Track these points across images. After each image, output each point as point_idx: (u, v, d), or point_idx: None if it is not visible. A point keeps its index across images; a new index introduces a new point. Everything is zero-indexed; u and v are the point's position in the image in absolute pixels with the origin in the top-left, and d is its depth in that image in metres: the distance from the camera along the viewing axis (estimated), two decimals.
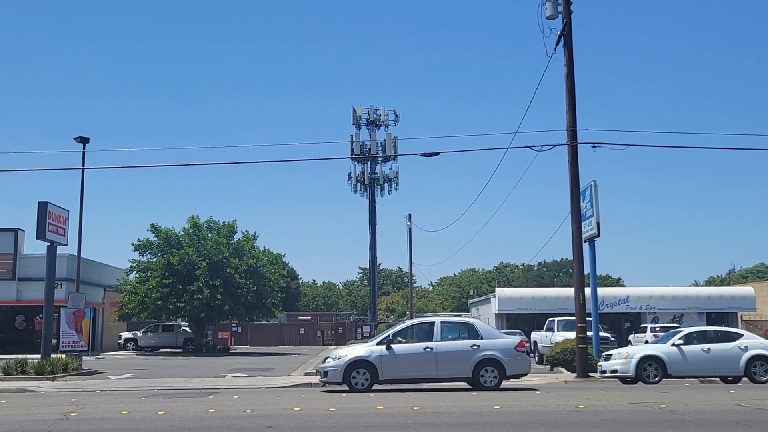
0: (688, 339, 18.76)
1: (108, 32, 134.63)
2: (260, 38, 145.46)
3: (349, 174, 62.13)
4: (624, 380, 18.57)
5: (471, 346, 16.05)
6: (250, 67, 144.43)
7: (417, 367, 15.94)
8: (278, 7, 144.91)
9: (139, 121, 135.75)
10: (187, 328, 45.25)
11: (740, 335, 19.25)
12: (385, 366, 15.77)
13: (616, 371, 18.67)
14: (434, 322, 16.89)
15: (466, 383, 16.35)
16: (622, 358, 18.72)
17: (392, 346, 16.03)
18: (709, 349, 18.34)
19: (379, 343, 16.22)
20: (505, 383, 16.29)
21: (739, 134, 64.74)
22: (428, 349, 15.97)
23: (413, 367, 15.93)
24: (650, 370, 18.18)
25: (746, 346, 18.38)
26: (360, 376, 15.80)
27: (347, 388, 15.84)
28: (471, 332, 16.53)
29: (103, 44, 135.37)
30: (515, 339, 17.14)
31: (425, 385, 17.09)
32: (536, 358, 31.40)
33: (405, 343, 16.28)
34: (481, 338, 16.31)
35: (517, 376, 16.58)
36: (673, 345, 18.51)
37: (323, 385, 16.99)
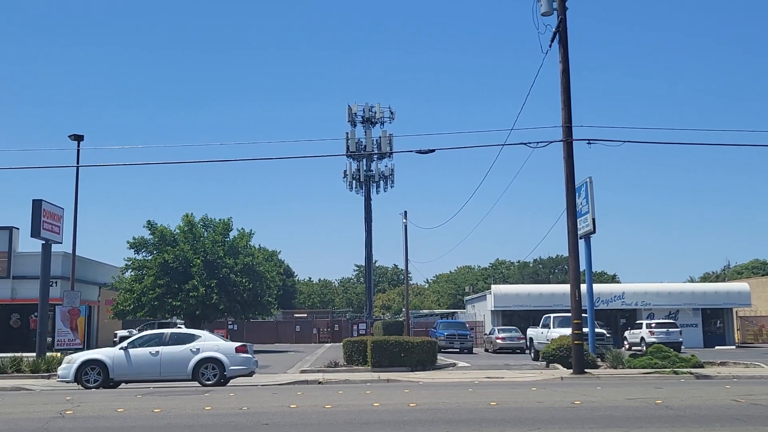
0: (139, 342, 18.48)
1: (104, 33, 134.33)
2: (256, 38, 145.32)
3: (345, 171, 62.15)
4: (69, 384, 18.07)
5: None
6: (245, 65, 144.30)
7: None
8: (274, 7, 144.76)
9: (134, 120, 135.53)
10: (183, 326, 45.18)
11: (197, 337, 18.56)
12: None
13: (60, 376, 18.28)
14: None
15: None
16: (66, 363, 18.24)
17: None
18: (158, 352, 17.96)
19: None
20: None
21: (733, 130, 65.10)
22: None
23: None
24: (92, 374, 17.82)
25: (198, 349, 18.01)
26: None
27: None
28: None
29: (99, 45, 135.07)
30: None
31: (421, 382, 17.09)
32: (532, 354, 31.44)
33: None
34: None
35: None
36: (121, 348, 18.26)
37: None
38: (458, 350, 37.67)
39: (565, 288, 28.04)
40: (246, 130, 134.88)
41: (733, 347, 45.43)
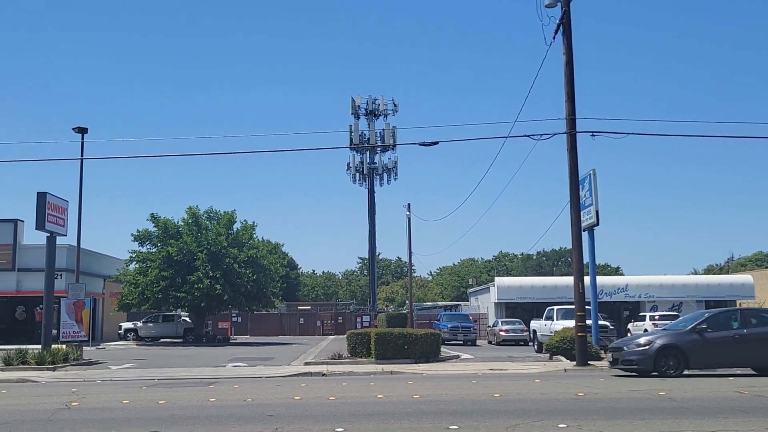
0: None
1: (107, 23, 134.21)
2: (259, 29, 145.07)
3: (348, 164, 62.06)
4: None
5: None
6: (249, 57, 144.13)
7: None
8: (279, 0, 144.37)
9: (139, 112, 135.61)
10: (187, 319, 45.30)
11: None
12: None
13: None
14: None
15: None
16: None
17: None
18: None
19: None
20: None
21: (738, 123, 64.95)
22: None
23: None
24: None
25: None
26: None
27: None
28: None
29: (102, 35, 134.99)
30: None
31: (424, 374, 17.13)
32: (535, 346, 31.47)
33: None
34: None
35: None
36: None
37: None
38: (462, 342, 37.75)
39: (569, 280, 28.08)
40: (250, 121, 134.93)
41: None
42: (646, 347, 16.34)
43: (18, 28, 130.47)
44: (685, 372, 16.05)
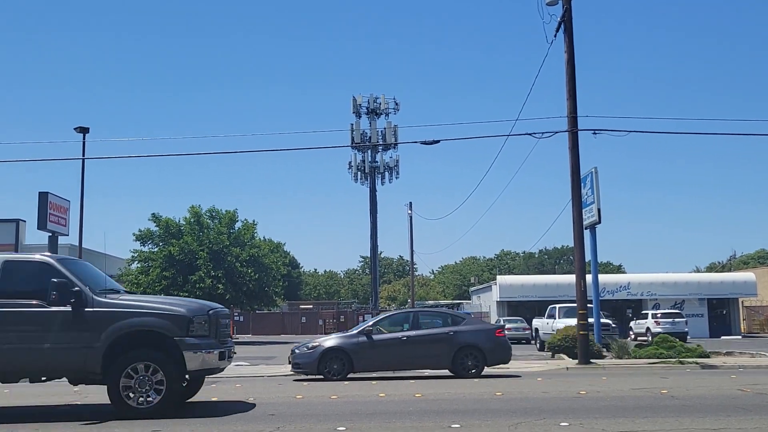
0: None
1: (108, 23, 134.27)
2: (260, 28, 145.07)
3: (350, 163, 62.05)
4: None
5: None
6: (250, 56, 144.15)
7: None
8: None
9: (140, 111, 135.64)
10: None
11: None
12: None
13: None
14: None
15: None
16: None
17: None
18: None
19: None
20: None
21: (739, 120, 64.85)
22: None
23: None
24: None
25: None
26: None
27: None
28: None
29: (103, 35, 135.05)
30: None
31: (426, 373, 17.14)
32: (538, 345, 31.46)
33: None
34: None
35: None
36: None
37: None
38: None
39: (571, 278, 27.96)
40: (251, 121, 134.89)
41: (739, 337, 45.36)
42: (312, 351, 16.38)
43: (18, 29, 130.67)
44: (350, 375, 15.94)
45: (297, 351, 16.80)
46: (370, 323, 17.20)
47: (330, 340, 16.84)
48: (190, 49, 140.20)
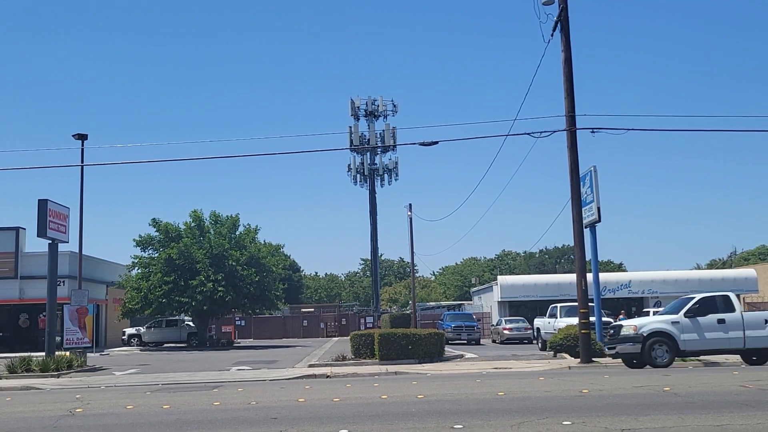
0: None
1: (107, 30, 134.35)
2: (258, 31, 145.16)
3: (349, 165, 62.09)
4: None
5: None
6: (248, 60, 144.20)
7: None
8: (276, 1, 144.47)
9: (137, 117, 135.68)
10: (191, 323, 45.28)
11: None
12: None
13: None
14: None
15: None
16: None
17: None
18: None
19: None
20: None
21: (739, 116, 64.68)
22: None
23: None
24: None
25: None
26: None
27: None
28: None
29: (101, 42, 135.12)
30: None
31: (428, 373, 17.13)
32: (539, 344, 31.44)
33: None
34: None
35: None
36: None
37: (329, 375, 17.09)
38: (465, 342, 37.74)
39: (572, 277, 28.01)
40: (250, 124, 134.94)
41: None
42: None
43: (17, 36, 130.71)
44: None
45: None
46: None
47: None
48: (187, 55, 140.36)
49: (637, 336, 17.92)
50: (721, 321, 17.95)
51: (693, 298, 18.86)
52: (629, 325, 18.52)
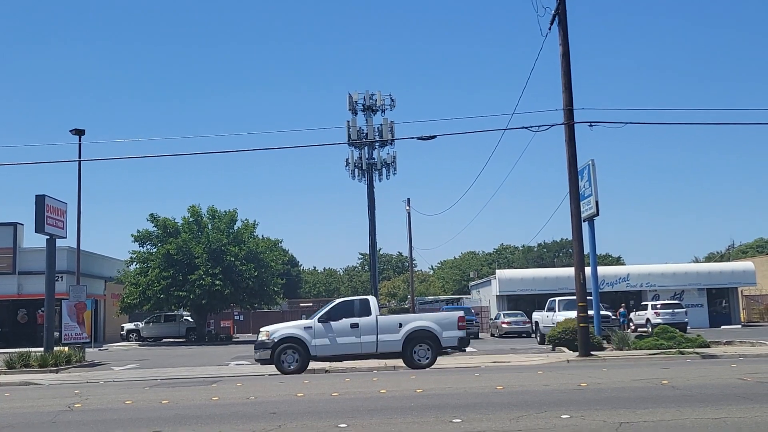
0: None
1: (104, 27, 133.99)
2: (255, 27, 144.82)
3: (347, 160, 61.87)
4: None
5: None
6: (246, 55, 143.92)
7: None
8: None
9: (135, 112, 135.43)
10: (190, 318, 45.28)
11: None
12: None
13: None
14: None
15: None
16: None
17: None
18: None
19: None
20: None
21: (735, 109, 64.78)
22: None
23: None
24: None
25: None
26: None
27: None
28: None
29: (99, 39, 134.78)
30: None
31: (429, 369, 17.14)
32: (538, 338, 31.49)
33: None
34: None
35: None
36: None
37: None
38: None
39: (570, 271, 28.04)
40: (247, 119, 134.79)
41: (739, 326, 45.44)
42: None
43: (14, 32, 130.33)
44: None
45: None
46: None
47: None
48: (185, 50, 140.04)
49: (268, 342, 17.74)
50: (354, 325, 17.68)
51: (332, 302, 18.77)
52: (263, 331, 18.21)
